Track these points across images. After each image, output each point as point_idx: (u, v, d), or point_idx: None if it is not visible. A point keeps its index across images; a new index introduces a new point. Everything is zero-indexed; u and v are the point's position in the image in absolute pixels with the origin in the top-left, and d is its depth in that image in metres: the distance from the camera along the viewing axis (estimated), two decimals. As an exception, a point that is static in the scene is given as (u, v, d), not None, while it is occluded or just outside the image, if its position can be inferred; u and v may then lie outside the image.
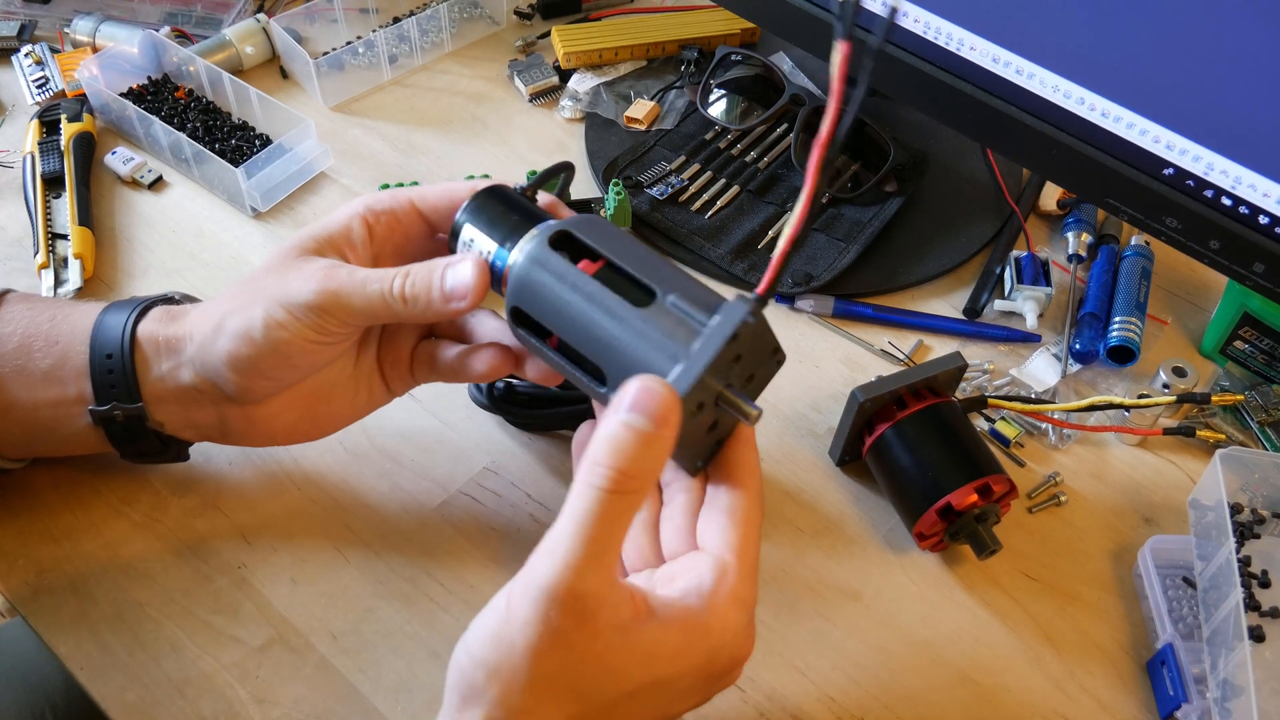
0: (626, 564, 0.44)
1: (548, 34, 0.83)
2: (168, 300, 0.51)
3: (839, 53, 0.37)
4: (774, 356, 0.42)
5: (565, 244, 0.43)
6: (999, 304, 0.66)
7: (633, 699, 0.37)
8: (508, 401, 0.57)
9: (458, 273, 0.44)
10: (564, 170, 0.51)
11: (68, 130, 0.70)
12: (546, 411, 0.56)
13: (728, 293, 0.67)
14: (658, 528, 0.43)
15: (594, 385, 0.41)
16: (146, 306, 0.49)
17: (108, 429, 0.48)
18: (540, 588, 0.35)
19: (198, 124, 0.73)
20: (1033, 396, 0.62)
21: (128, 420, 0.48)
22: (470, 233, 0.45)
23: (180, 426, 0.49)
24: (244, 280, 0.47)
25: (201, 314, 0.48)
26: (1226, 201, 0.51)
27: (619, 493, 0.35)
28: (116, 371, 0.47)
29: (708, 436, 0.41)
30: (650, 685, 0.37)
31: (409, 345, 0.51)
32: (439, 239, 0.49)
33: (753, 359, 0.41)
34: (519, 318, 0.43)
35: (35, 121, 0.71)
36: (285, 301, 0.45)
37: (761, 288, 0.38)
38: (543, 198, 0.48)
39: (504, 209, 0.45)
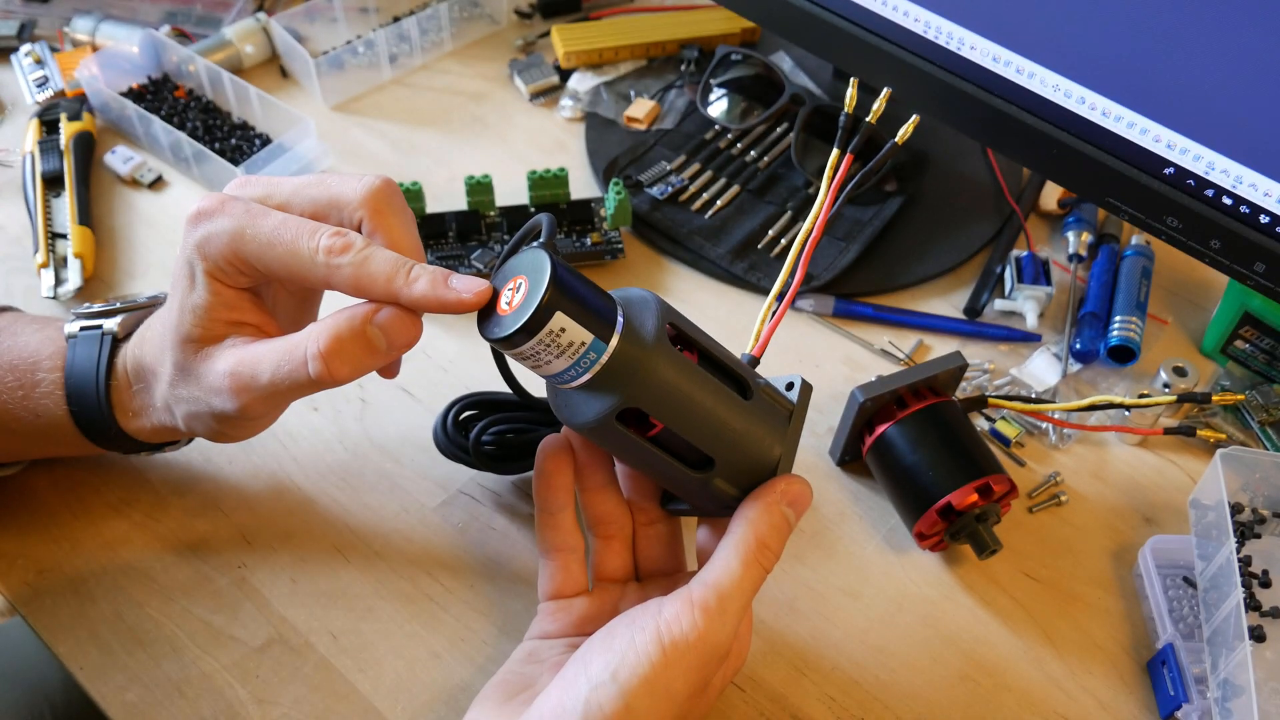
0: (605, 572, 0.47)
1: (548, 33, 0.83)
2: (116, 341, 0.47)
3: (838, 160, 0.48)
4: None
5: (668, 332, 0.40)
6: (999, 303, 0.66)
7: None
8: (487, 455, 0.53)
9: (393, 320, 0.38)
10: (539, 228, 0.42)
11: (67, 129, 0.70)
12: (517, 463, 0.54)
13: (727, 292, 0.67)
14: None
15: (687, 469, 0.41)
16: (108, 381, 0.46)
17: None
18: (712, 645, 0.38)
19: (197, 123, 0.73)
20: (1033, 396, 0.62)
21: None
22: (562, 320, 0.36)
23: (185, 435, 0.50)
24: (171, 368, 0.42)
25: (164, 397, 0.44)
26: (1227, 201, 0.51)
27: (770, 570, 0.41)
28: (117, 443, 0.48)
29: None
30: None
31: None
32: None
33: None
34: (623, 414, 0.39)
35: (35, 121, 0.71)
36: (216, 412, 0.41)
37: (758, 350, 0.45)
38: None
39: (579, 287, 0.38)
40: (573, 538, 0.45)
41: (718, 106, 0.76)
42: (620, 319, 0.38)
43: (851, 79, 0.50)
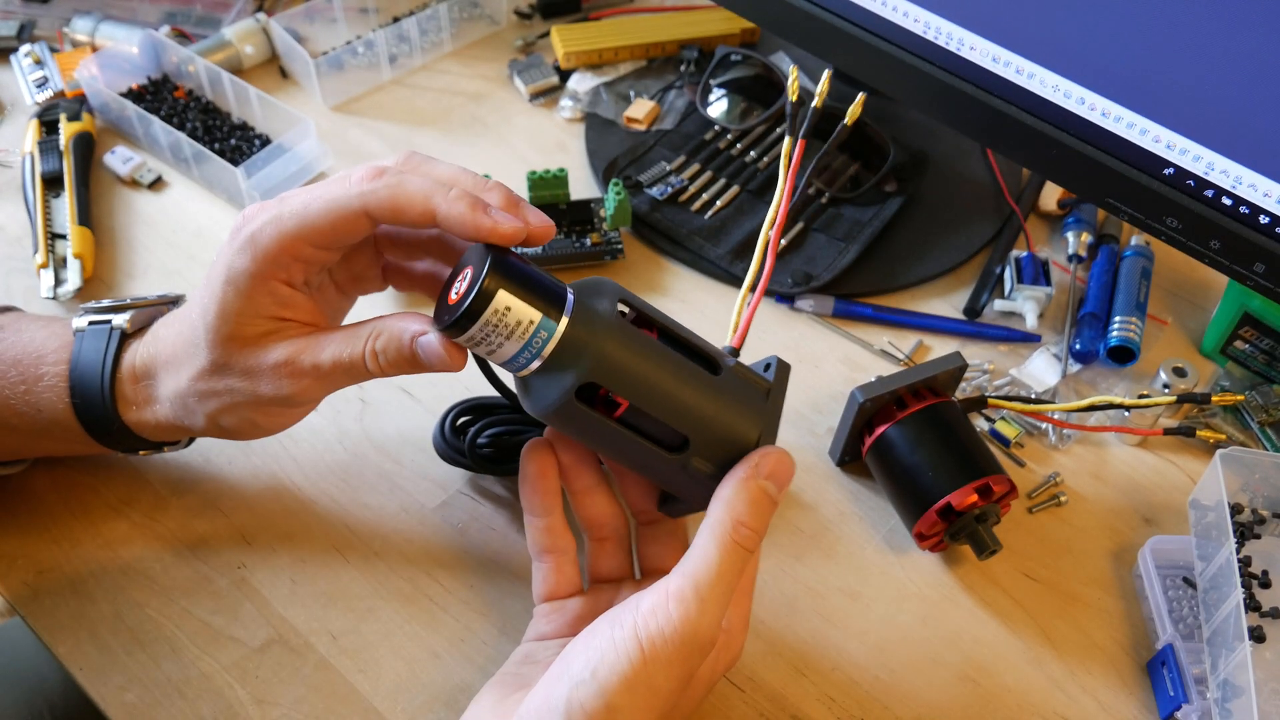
0: (600, 573, 0.47)
1: (548, 34, 0.83)
2: (125, 336, 0.48)
3: (791, 147, 0.47)
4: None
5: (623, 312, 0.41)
6: (999, 304, 0.66)
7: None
8: (482, 457, 0.54)
9: (434, 348, 0.40)
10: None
11: (67, 130, 0.70)
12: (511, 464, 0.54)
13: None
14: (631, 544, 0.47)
15: (662, 450, 0.41)
16: (113, 373, 0.46)
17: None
18: (691, 636, 0.37)
19: (197, 124, 0.73)
20: (1033, 396, 0.62)
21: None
22: (506, 300, 0.38)
23: (186, 434, 0.50)
24: (203, 364, 0.43)
25: (182, 394, 0.45)
26: (1227, 201, 0.51)
27: (754, 550, 0.39)
28: (118, 439, 0.48)
29: None
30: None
31: (374, 264, 0.47)
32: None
33: None
34: (585, 393, 0.39)
35: (34, 121, 0.71)
36: (262, 398, 0.43)
37: (737, 340, 0.44)
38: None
39: (525, 271, 0.39)
40: (563, 539, 0.45)
41: (717, 107, 0.76)
42: (570, 297, 0.39)
43: (792, 66, 0.52)
